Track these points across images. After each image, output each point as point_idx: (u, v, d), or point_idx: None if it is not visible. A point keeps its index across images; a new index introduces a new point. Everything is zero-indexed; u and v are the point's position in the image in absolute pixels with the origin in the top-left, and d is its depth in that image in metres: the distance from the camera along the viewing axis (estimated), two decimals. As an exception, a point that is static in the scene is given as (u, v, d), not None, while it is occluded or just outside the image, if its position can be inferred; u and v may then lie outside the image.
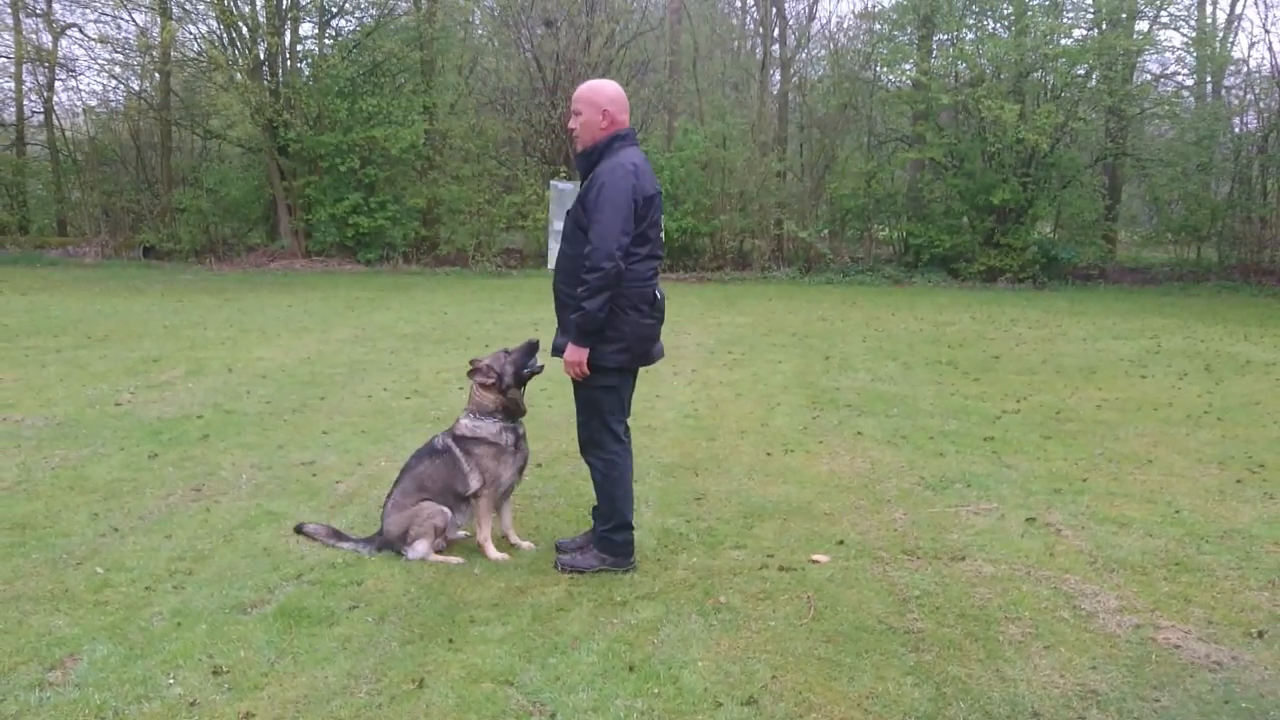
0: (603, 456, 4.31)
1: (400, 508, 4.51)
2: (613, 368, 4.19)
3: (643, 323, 4.17)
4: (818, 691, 3.33)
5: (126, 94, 25.78)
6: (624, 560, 4.34)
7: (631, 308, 4.12)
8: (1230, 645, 3.70)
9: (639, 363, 4.30)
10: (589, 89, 4.23)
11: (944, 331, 13.04)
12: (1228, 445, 6.87)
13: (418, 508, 4.48)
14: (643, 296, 4.14)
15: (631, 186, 4.02)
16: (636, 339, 4.17)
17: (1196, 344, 12.08)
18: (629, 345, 4.16)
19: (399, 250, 22.54)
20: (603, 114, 4.17)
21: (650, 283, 4.19)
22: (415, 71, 23.20)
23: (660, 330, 4.34)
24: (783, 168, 23.24)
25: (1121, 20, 21.83)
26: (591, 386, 4.23)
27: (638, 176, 4.06)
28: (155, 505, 5.21)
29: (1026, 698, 3.30)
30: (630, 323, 4.13)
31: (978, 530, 4.98)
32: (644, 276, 4.14)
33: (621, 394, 4.32)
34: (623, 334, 4.13)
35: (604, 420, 4.29)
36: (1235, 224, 21.83)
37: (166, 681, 3.33)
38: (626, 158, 4.09)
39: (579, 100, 4.20)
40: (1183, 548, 4.74)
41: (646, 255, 4.15)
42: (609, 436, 4.30)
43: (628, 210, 4.01)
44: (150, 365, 9.35)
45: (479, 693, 3.29)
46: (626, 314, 4.11)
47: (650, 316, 4.20)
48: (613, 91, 4.23)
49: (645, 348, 4.25)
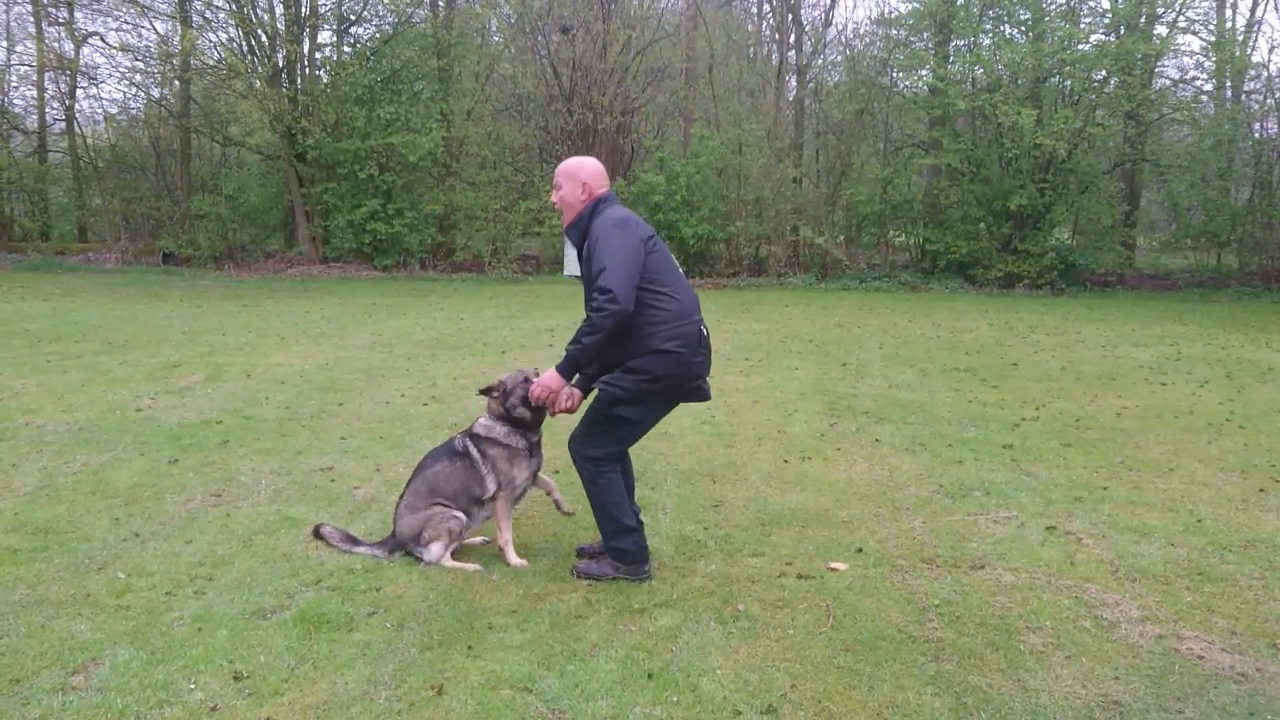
0: (590, 467, 4.25)
1: (413, 509, 4.52)
2: (628, 398, 4.09)
3: (681, 360, 4.07)
4: (837, 700, 3.32)
5: (147, 101, 26.08)
6: (638, 568, 4.28)
7: (668, 340, 4.03)
8: (1255, 656, 3.67)
9: (667, 398, 4.22)
10: (570, 165, 4.31)
11: (961, 338, 12.98)
12: (1250, 453, 6.81)
13: (432, 511, 4.49)
14: (676, 335, 4.05)
15: (626, 231, 4.04)
16: (669, 374, 4.07)
17: (1217, 351, 11.98)
18: (658, 377, 4.07)
19: (416, 256, 22.66)
20: (582, 187, 4.22)
21: (683, 324, 4.07)
22: (432, 78, 23.33)
23: (703, 370, 4.21)
24: (799, 174, 23.21)
25: (1140, 25, 21.71)
26: (610, 411, 4.17)
27: (630, 223, 4.10)
28: (176, 510, 5.24)
29: (1048, 708, 3.28)
30: (665, 359, 4.04)
31: (997, 539, 4.95)
32: (673, 316, 4.05)
33: (638, 428, 4.26)
34: (651, 368, 4.04)
35: (610, 442, 4.25)
36: (1256, 230, 21.63)
37: (188, 686, 3.35)
38: (612, 214, 4.14)
39: (560, 175, 4.28)
40: (1205, 557, 4.70)
41: (669, 294, 4.08)
42: (607, 458, 4.25)
43: (628, 250, 3.99)
44: (170, 371, 9.42)
45: (498, 699, 3.29)
46: (662, 349, 4.03)
47: (693, 355, 4.10)
48: (593, 167, 4.31)
49: (678, 384, 4.14)
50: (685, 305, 4.12)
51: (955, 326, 14.30)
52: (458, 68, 23.73)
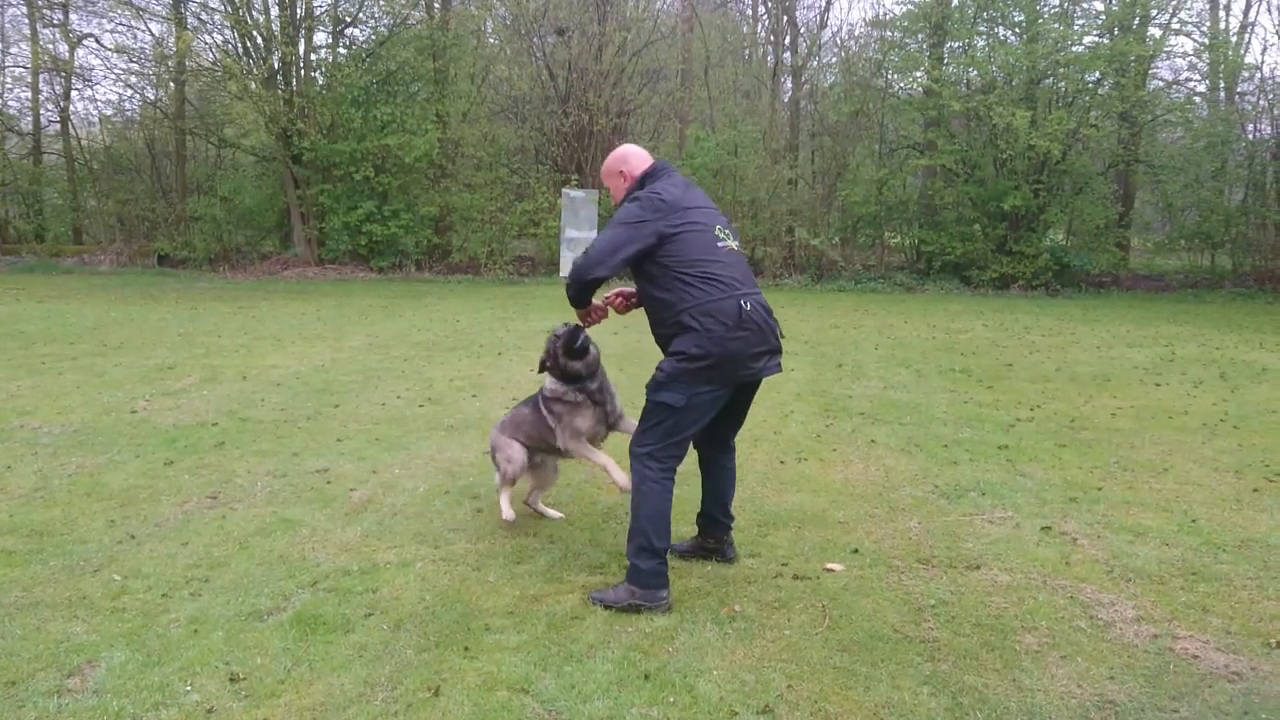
0: (639, 467, 4.05)
1: (502, 429, 5.11)
2: (667, 379, 3.96)
3: (715, 337, 3.89)
4: (833, 701, 3.33)
5: (142, 103, 26.07)
6: (655, 595, 3.99)
7: (701, 316, 3.91)
8: (1249, 656, 3.68)
9: (708, 378, 3.95)
10: (606, 164, 4.41)
11: (957, 339, 13.00)
12: (1244, 453, 6.83)
13: (504, 440, 5.03)
14: (708, 311, 3.90)
15: (631, 223, 3.99)
16: (704, 353, 3.89)
17: (1211, 351, 12.02)
18: (693, 357, 3.89)
19: (412, 258, 22.66)
20: (620, 175, 4.31)
21: (717, 301, 3.91)
22: (428, 80, 23.32)
23: (746, 347, 3.96)
24: (794, 175, 23.25)
25: (1133, 27, 21.79)
26: (655, 398, 4.02)
27: (641, 218, 3.98)
28: (171, 512, 5.23)
29: (1044, 708, 3.29)
30: (698, 336, 3.90)
31: (993, 539, 4.97)
32: (704, 295, 3.92)
33: (683, 417, 3.97)
34: (685, 347, 3.91)
35: (658, 436, 4.02)
36: (1249, 231, 21.72)
37: (184, 688, 3.35)
38: (650, 190, 4.10)
39: (604, 177, 4.42)
40: (1200, 557, 4.72)
41: (697, 274, 3.94)
42: (658, 455, 4.02)
43: (624, 236, 3.97)
44: (165, 373, 9.41)
45: (495, 701, 3.29)
46: (692, 326, 3.91)
47: (729, 333, 3.89)
48: (622, 152, 4.37)
49: (717, 364, 3.91)
50: (721, 282, 3.95)
51: (950, 327, 14.32)
52: (453, 69, 23.73)
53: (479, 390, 8.77)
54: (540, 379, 4.95)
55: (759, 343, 4.01)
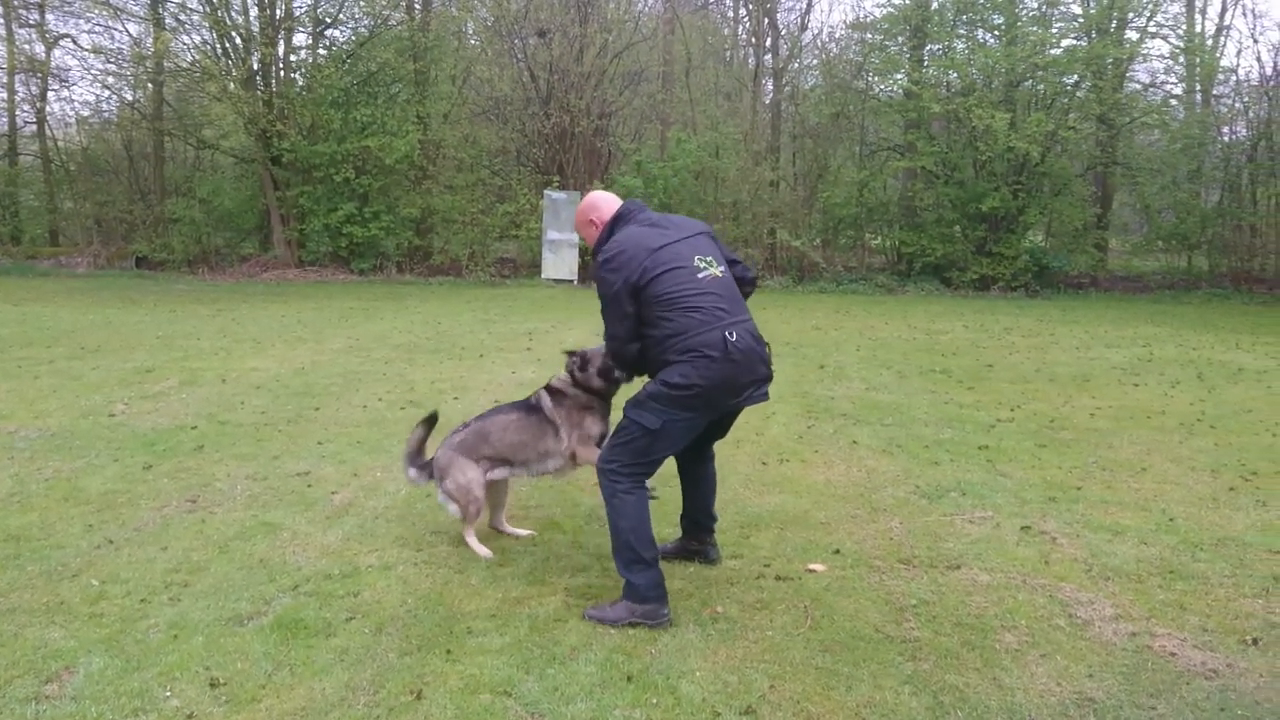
0: (606, 482, 3.98)
1: (465, 448, 4.69)
2: (648, 398, 3.89)
3: (700, 369, 3.79)
4: (815, 701, 3.34)
5: (119, 104, 25.82)
6: (656, 612, 3.87)
7: (684, 353, 3.82)
8: (1225, 653, 3.72)
9: (688, 405, 3.86)
10: (578, 213, 4.39)
11: (937, 340, 13.07)
12: (1221, 453, 6.90)
13: (464, 465, 4.64)
14: (690, 346, 3.81)
15: (610, 277, 3.93)
16: (689, 383, 3.80)
17: (1188, 352, 12.14)
18: (677, 385, 3.81)
19: (393, 260, 22.59)
20: (591, 223, 4.28)
21: (700, 334, 3.81)
22: (409, 81, 23.25)
23: (737, 376, 3.87)
24: (775, 177, 23.34)
25: (1110, 30, 22.00)
26: (632, 415, 3.93)
27: (613, 265, 3.92)
28: (150, 517, 5.19)
29: (1023, 706, 3.32)
30: (684, 368, 3.82)
31: (973, 539, 5.00)
32: (684, 328, 3.83)
33: (657, 439, 3.89)
34: (669, 377, 3.84)
35: (628, 454, 3.94)
36: (1225, 232, 21.97)
37: (163, 694, 3.33)
38: (608, 249, 4.01)
39: (577, 227, 4.43)
40: (1177, 555, 4.76)
41: (679, 312, 3.85)
42: (624, 472, 3.95)
43: (611, 304, 3.95)
44: (144, 376, 9.33)
45: (477, 704, 3.28)
46: (678, 361, 3.83)
47: (715, 363, 3.79)
48: (591, 200, 4.34)
49: (702, 393, 3.82)
50: (703, 312, 3.85)
51: (931, 329, 14.40)
52: (434, 70, 23.66)
53: (461, 392, 8.75)
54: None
55: (746, 373, 3.90)
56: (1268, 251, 21.92)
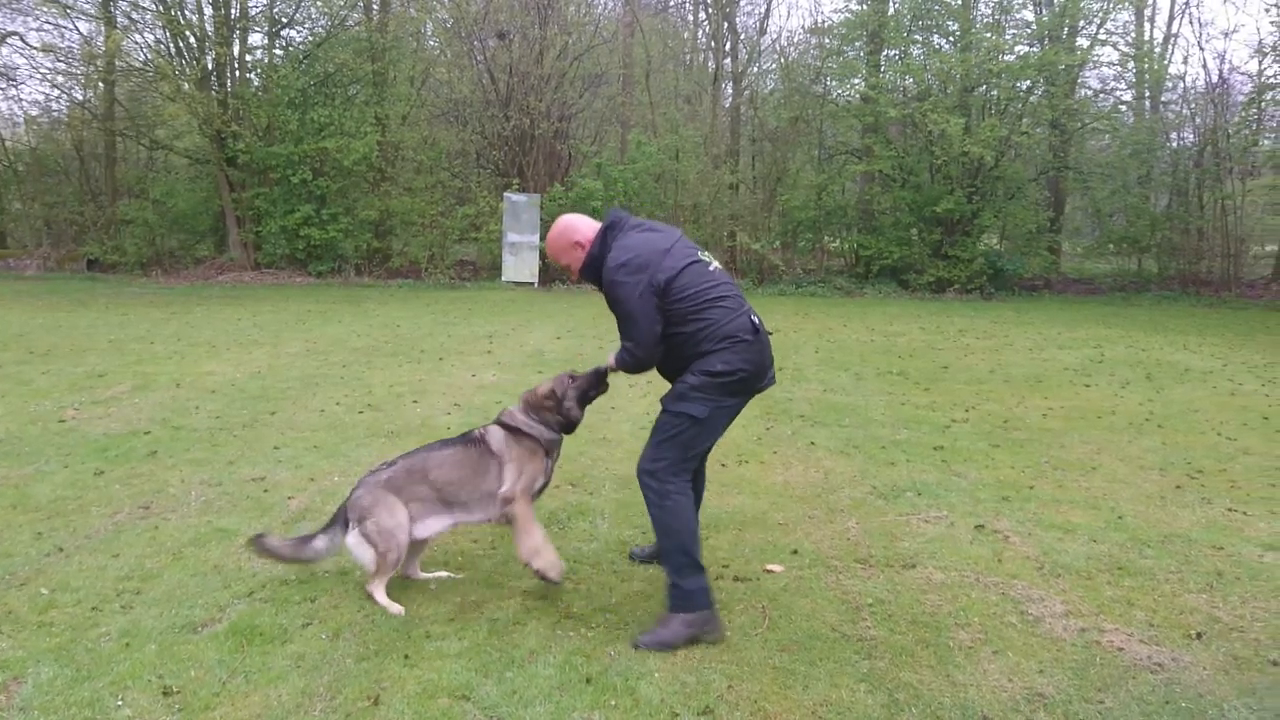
0: (655, 484, 3.90)
1: (383, 485, 4.14)
2: (696, 390, 3.88)
3: (740, 353, 3.88)
4: (773, 700, 3.37)
5: (70, 104, 25.31)
6: (710, 619, 3.80)
7: (724, 340, 3.87)
8: (1171, 647, 3.81)
9: (733, 390, 3.92)
10: (554, 243, 4.16)
11: (895, 342, 13.22)
12: (1168, 452, 7.06)
13: (390, 505, 4.08)
14: (729, 333, 3.88)
15: (632, 278, 3.85)
16: (733, 368, 3.87)
17: (1138, 353, 12.39)
18: (721, 373, 3.86)
19: (351, 262, 22.40)
20: (575, 245, 4.09)
21: (733, 320, 3.90)
22: (367, 83, 23.07)
23: (766, 357, 4.01)
24: (735, 180, 23.47)
25: (1063, 37, 22.41)
26: (677, 408, 3.91)
27: (632, 266, 3.86)
28: (102, 524, 5.11)
29: (976, 702, 3.37)
30: (727, 355, 3.87)
31: (928, 538, 5.07)
32: (721, 316, 3.89)
33: (704, 429, 3.93)
34: (714, 366, 3.86)
35: (675, 448, 3.92)
36: (1174, 235, 22.45)
37: (115, 703, 3.28)
38: (616, 255, 3.92)
39: (557, 254, 4.17)
40: (1125, 552, 4.87)
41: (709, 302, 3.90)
42: (673, 469, 3.91)
43: (637, 301, 3.85)
44: (96, 380, 9.17)
45: (435, 708, 3.28)
46: (718, 350, 3.87)
47: (752, 345, 3.91)
48: (564, 225, 4.16)
49: (745, 377, 3.91)
50: (728, 300, 3.95)
51: (888, 331, 14.56)
52: (393, 72, 23.49)
53: (420, 396, 8.70)
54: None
55: (769, 354, 4.05)
56: (1214, 255, 22.43)
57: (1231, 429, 7.87)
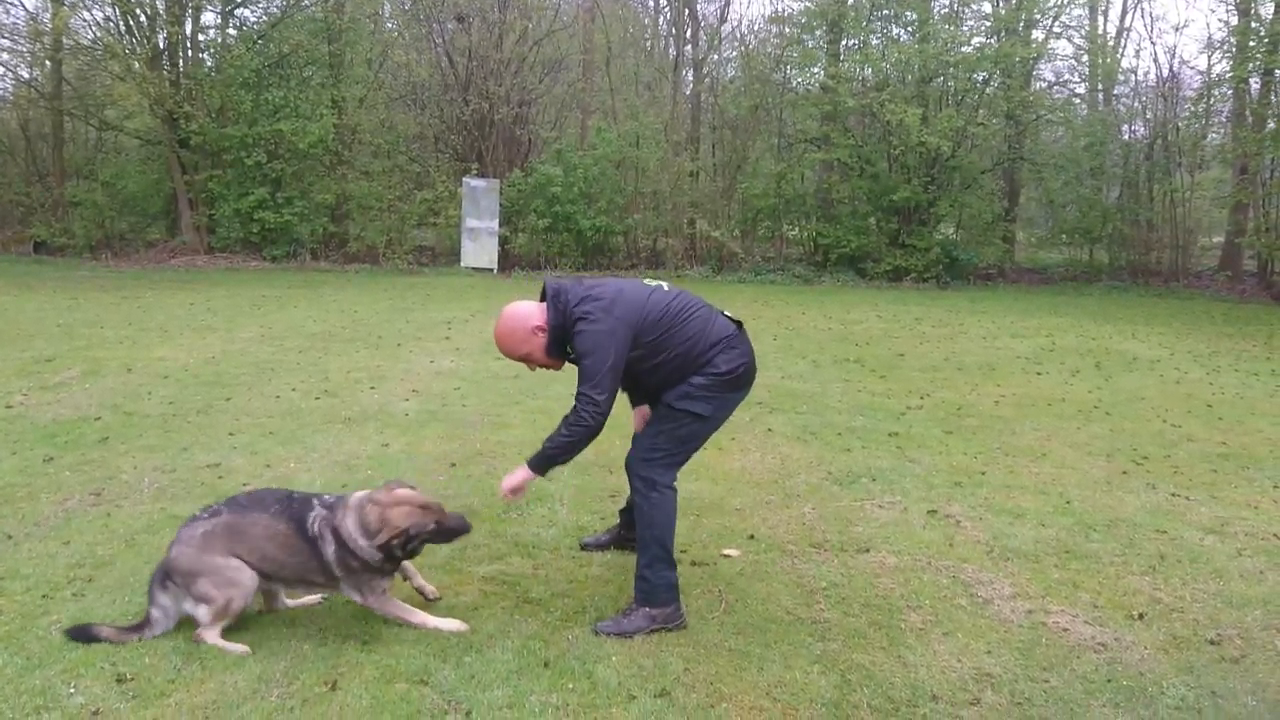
0: (646, 477, 3.91)
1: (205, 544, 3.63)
2: (701, 390, 3.86)
3: (735, 350, 3.91)
4: (728, 682, 3.42)
5: (15, 82, 24.73)
6: (675, 614, 3.83)
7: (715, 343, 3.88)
8: (1114, 628, 3.92)
9: (735, 385, 3.95)
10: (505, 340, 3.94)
11: (852, 330, 13.36)
12: (1115, 438, 7.23)
13: (223, 564, 3.59)
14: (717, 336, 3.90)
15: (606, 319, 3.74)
16: (733, 365, 3.89)
17: (1088, 342, 12.64)
18: (723, 371, 3.87)
19: (307, 247, 22.11)
20: (534, 331, 3.88)
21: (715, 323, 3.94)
22: (323, 64, 22.75)
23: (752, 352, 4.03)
24: (695, 168, 23.50)
25: (1019, 30, 22.68)
26: (680, 406, 3.87)
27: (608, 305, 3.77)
28: (52, 511, 5.03)
29: (926, 682, 3.45)
30: (726, 354, 3.89)
31: (882, 523, 5.16)
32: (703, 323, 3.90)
33: (706, 427, 3.96)
34: (717, 366, 3.87)
35: (673, 443, 3.94)
36: (1124, 227, 22.86)
37: (67, 691, 3.25)
38: (582, 298, 3.83)
39: (513, 350, 3.95)
40: (1072, 536, 4.99)
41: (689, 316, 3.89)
42: (666, 465, 3.93)
43: (616, 346, 3.73)
44: (44, 366, 9.00)
45: (393, 693, 3.28)
46: (711, 353, 3.87)
47: (738, 342, 3.94)
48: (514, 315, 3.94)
49: (743, 371, 3.94)
50: (701, 312, 3.94)
51: (846, 319, 14.71)
52: (350, 54, 23.19)
53: (377, 382, 8.64)
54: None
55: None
56: (1163, 246, 22.88)
57: (1176, 416, 8.07)
